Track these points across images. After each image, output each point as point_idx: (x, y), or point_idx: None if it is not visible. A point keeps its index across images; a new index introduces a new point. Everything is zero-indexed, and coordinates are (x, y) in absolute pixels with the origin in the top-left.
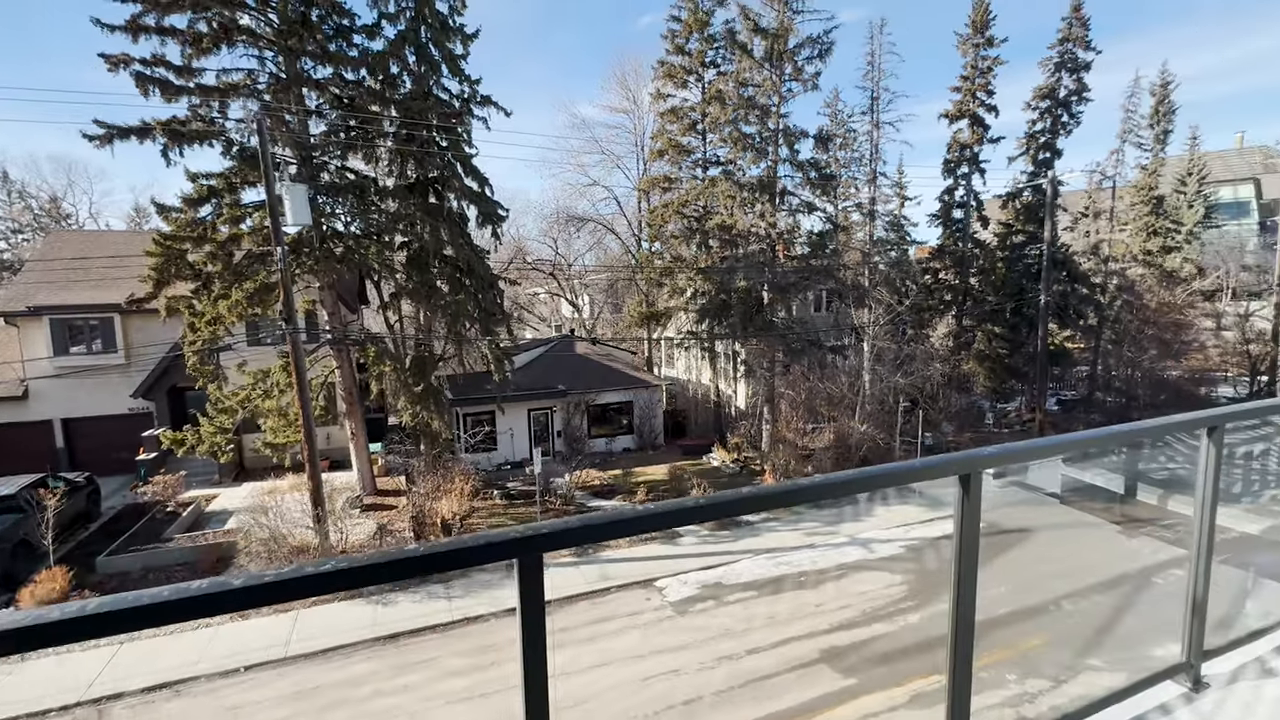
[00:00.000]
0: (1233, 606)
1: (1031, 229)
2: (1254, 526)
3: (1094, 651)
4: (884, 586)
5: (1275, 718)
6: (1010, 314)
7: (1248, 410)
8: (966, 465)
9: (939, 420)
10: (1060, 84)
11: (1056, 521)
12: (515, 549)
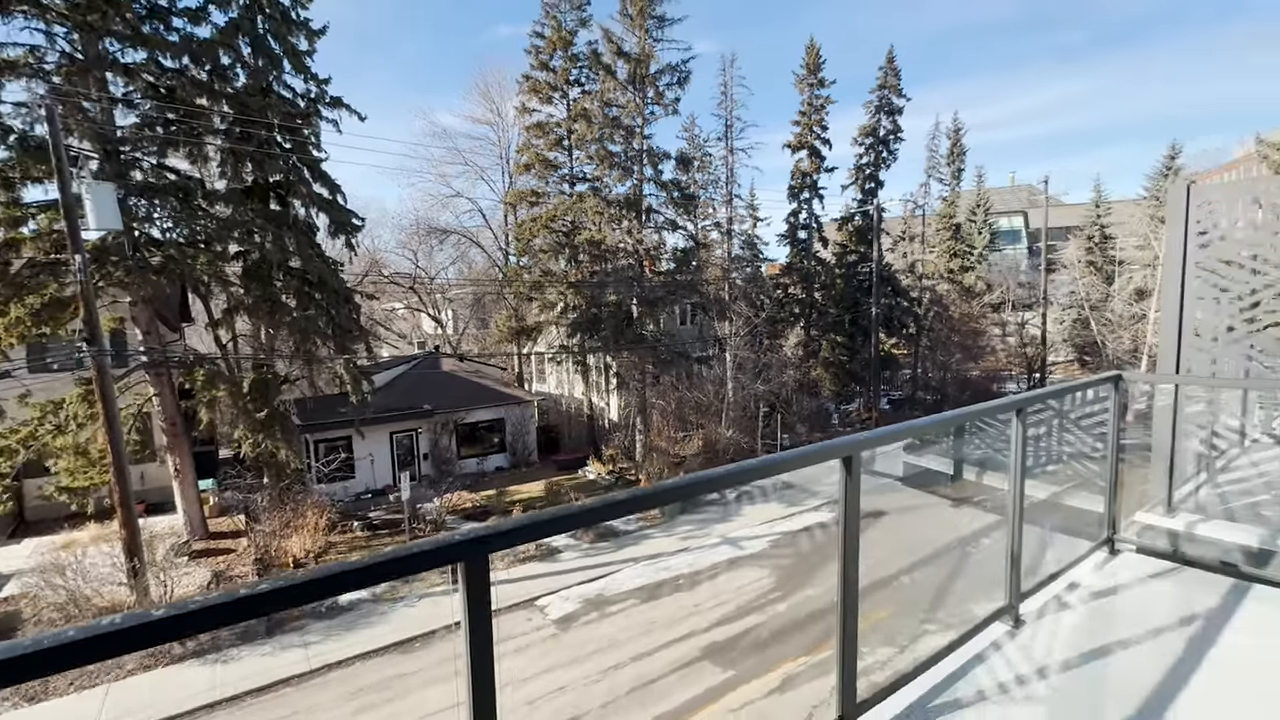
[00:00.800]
0: (1036, 558)
1: (862, 249)
2: (1042, 493)
3: (938, 610)
4: (755, 580)
5: (1072, 639)
6: (849, 324)
7: (1042, 394)
8: (848, 448)
9: (794, 423)
10: (880, 124)
11: (902, 504)
12: (461, 552)
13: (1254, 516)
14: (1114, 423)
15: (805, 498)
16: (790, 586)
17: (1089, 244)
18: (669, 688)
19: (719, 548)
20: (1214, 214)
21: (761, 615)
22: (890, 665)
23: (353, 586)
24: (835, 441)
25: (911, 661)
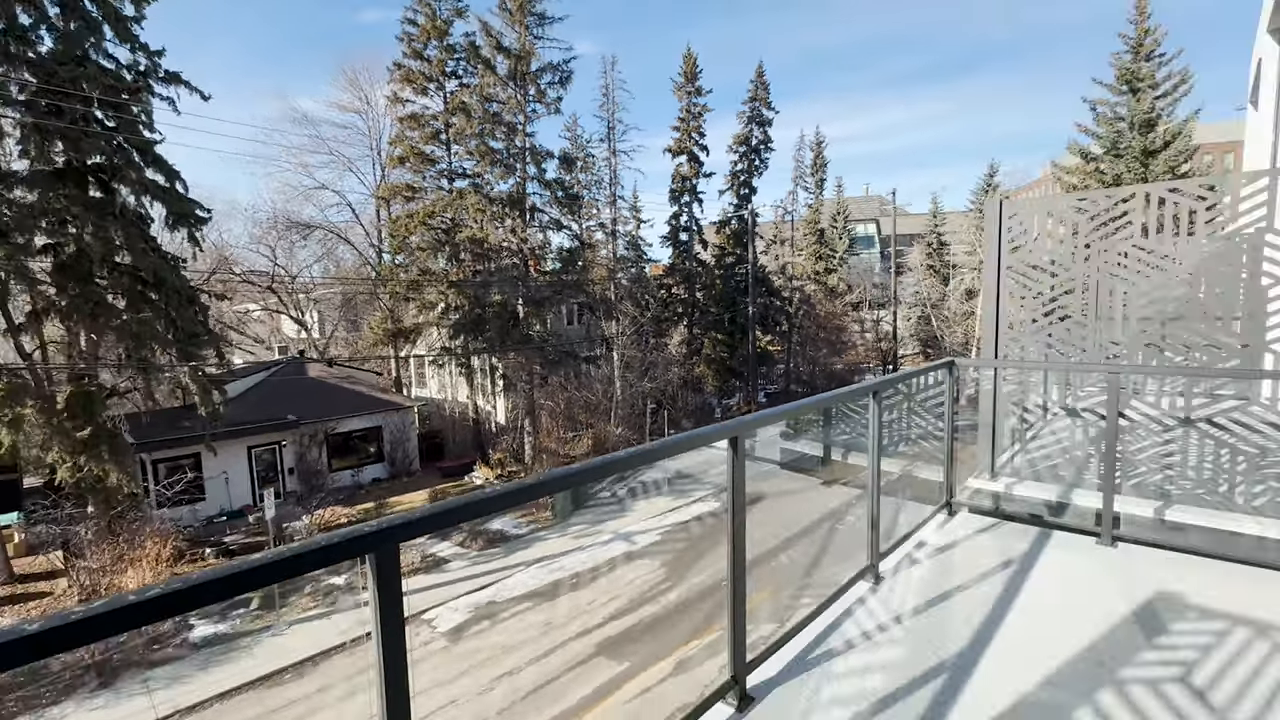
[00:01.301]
0: (891, 523)
1: (739, 251)
2: (895, 468)
3: (814, 576)
4: (647, 572)
5: (920, 589)
6: (728, 323)
7: (893, 378)
8: (735, 429)
9: (680, 418)
10: (752, 134)
11: (781, 488)
12: (368, 544)
13: (1054, 476)
14: (949, 403)
15: (694, 489)
16: (681, 575)
17: (929, 250)
18: (564, 688)
19: (612, 544)
20: (1021, 225)
21: (655, 605)
22: (774, 633)
23: (251, 587)
24: (724, 424)
25: (792, 623)
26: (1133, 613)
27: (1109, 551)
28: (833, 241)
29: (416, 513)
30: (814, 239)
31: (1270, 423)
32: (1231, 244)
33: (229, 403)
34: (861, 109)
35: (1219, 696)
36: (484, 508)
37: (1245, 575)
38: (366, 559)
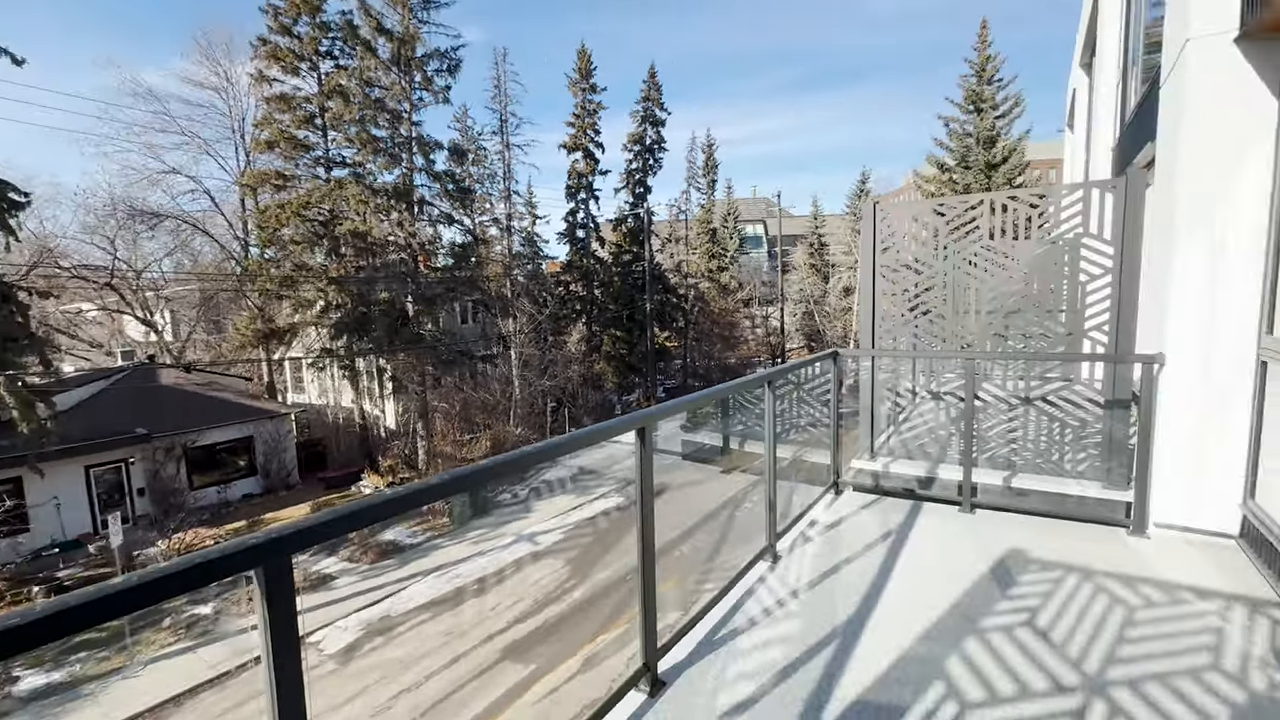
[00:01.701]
0: (786, 505)
1: (635, 249)
2: (789, 453)
3: (717, 561)
4: (551, 572)
5: (814, 563)
6: (627, 320)
7: (785, 369)
8: (642, 420)
9: (581, 416)
10: (646, 133)
11: (684, 479)
12: (257, 556)
13: (923, 454)
14: (835, 390)
15: (597, 485)
16: (586, 572)
17: (811, 250)
18: (469, 696)
19: (513, 547)
20: (890, 228)
21: (560, 605)
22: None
23: (123, 611)
24: (631, 415)
25: (699, 607)
26: (989, 569)
27: (969, 517)
28: (724, 241)
29: (312, 519)
30: (707, 238)
31: (1090, 399)
32: (1056, 246)
33: (59, 416)
34: (749, 114)
35: (1058, 633)
36: (387, 510)
37: (1073, 530)
38: (254, 574)
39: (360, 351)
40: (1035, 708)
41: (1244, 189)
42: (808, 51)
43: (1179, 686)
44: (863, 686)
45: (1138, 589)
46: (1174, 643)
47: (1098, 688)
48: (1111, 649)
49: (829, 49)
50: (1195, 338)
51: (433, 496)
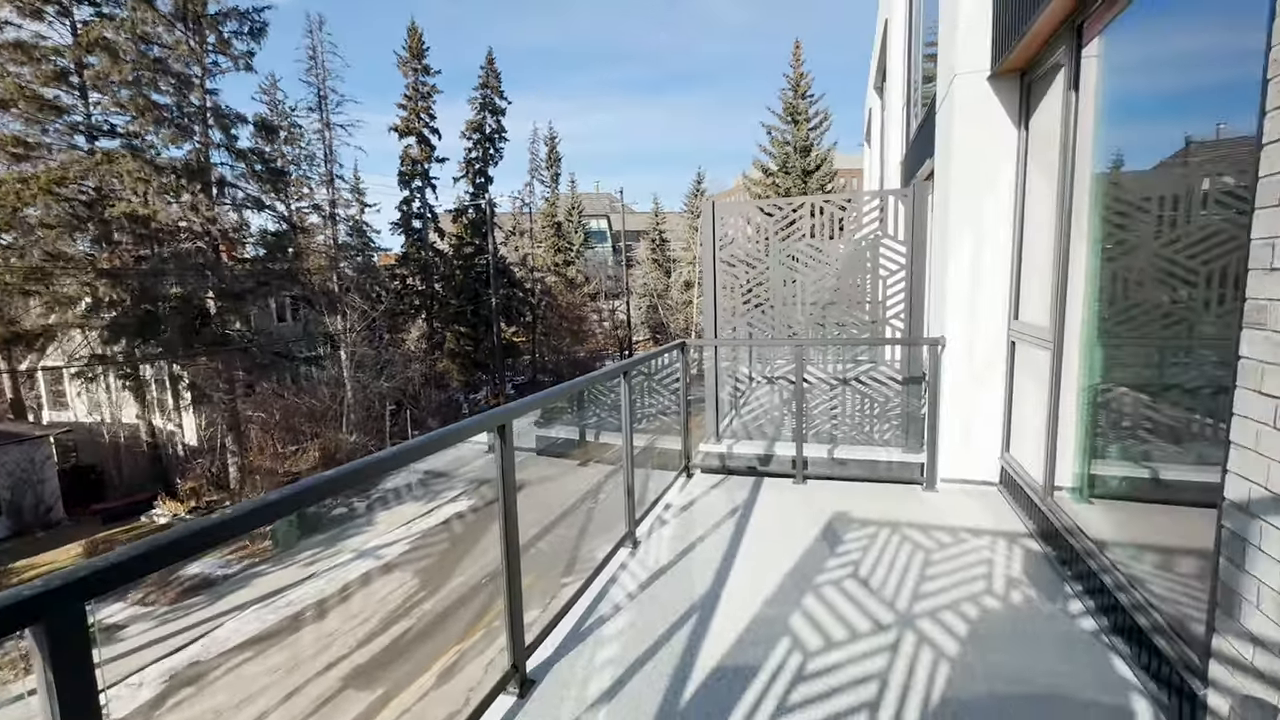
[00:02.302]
0: (643, 492)
1: (478, 242)
2: (644, 441)
3: (581, 555)
4: (399, 586)
5: (670, 544)
6: (471, 315)
7: (639, 359)
8: (501, 417)
9: (424, 418)
10: (486, 122)
11: (540, 474)
12: (37, 609)
13: (761, 434)
14: (684, 379)
15: (446, 489)
16: (438, 582)
17: (653, 245)
18: None
19: (353, 564)
20: (726, 226)
21: (410, 620)
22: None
23: None
24: (489, 413)
25: (564, 600)
26: (820, 532)
27: (802, 488)
28: (569, 235)
29: (112, 556)
30: (552, 232)
31: (891, 378)
32: (861, 246)
33: None
34: (590, 108)
35: (875, 580)
36: (206, 538)
37: (884, 490)
38: (31, 633)
39: (146, 357)
40: (862, 646)
41: (997, 201)
42: (646, 52)
43: (964, 609)
44: (721, 653)
45: (932, 535)
46: (959, 575)
47: (907, 621)
48: (916, 587)
49: (666, 51)
50: (964, 323)
51: (265, 518)
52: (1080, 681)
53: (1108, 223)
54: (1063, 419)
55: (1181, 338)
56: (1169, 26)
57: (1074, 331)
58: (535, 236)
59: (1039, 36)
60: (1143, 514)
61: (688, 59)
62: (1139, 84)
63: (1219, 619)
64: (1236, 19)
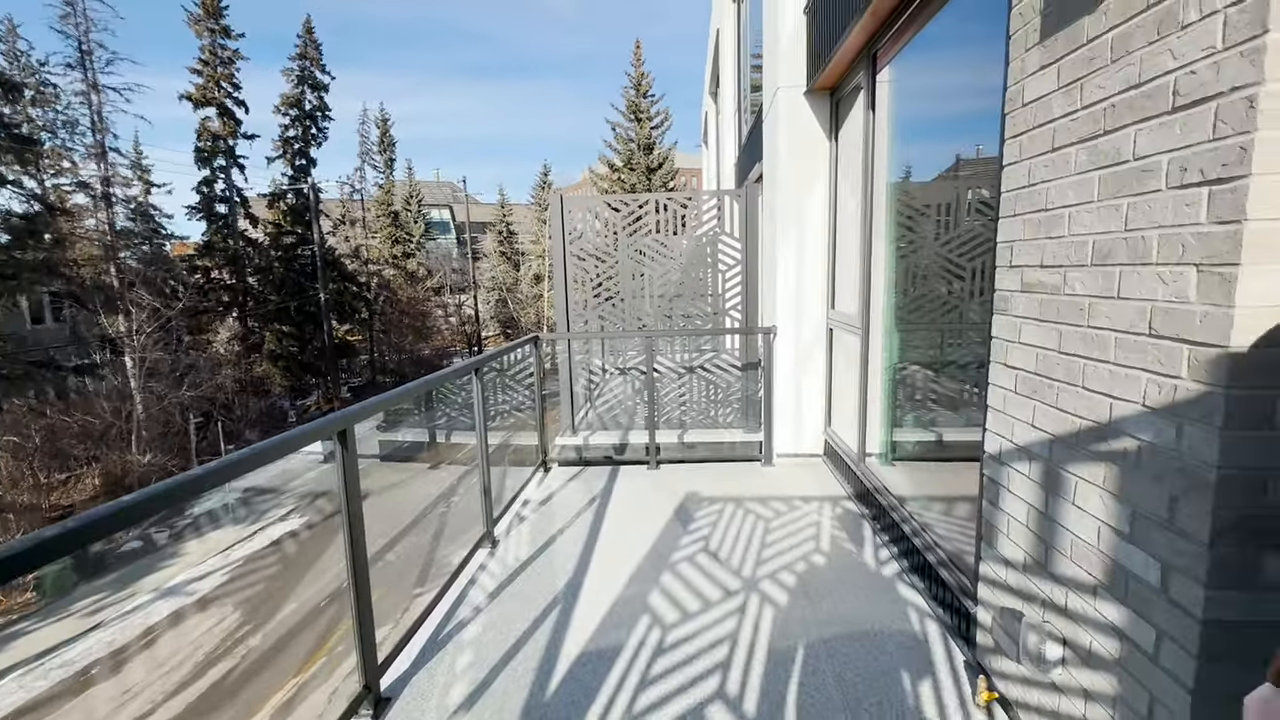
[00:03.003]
0: (500, 490)
1: (301, 230)
2: (499, 439)
3: (437, 560)
4: (217, 623)
5: (530, 540)
6: (295, 312)
7: (491, 355)
8: (341, 422)
9: (241, 429)
10: (305, 97)
11: (385, 482)
12: None
13: (615, 424)
14: (538, 374)
15: (272, 508)
16: (266, 612)
17: (500, 238)
18: None
19: (152, 607)
20: (575, 220)
21: (233, 658)
22: (404, 626)
23: None
24: (327, 418)
25: (421, 608)
26: (674, 513)
27: (656, 472)
28: (408, 225)
29: None
30: (388, 221)
31: (731, 365)
32: (701, 242)
33: None
34: (426, 91)
35: (724, 552)
36: None
37: (729, 469)
38: None
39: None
40: (714, 613)
41: (815, 204)
42: (487, 37)
43: (797, 568)
44: (585, 639)
45: (770, 505)
46: (793, 539)
47: (752, 585)
48: (758, 553)
49: (509, 39)
50: (791, 313)
51: (23, 565)
52: (888, 615)
53: (899, 225)
54: (871, 395)
55: (956, 322)
56: (939, 62)
57: (877, 319)
58: (369, 226)
59: (843, 60)
60: (931, 471)
61: (530, 49)
62: (920, 107)
63: (983, 549)
64: (987, 61)
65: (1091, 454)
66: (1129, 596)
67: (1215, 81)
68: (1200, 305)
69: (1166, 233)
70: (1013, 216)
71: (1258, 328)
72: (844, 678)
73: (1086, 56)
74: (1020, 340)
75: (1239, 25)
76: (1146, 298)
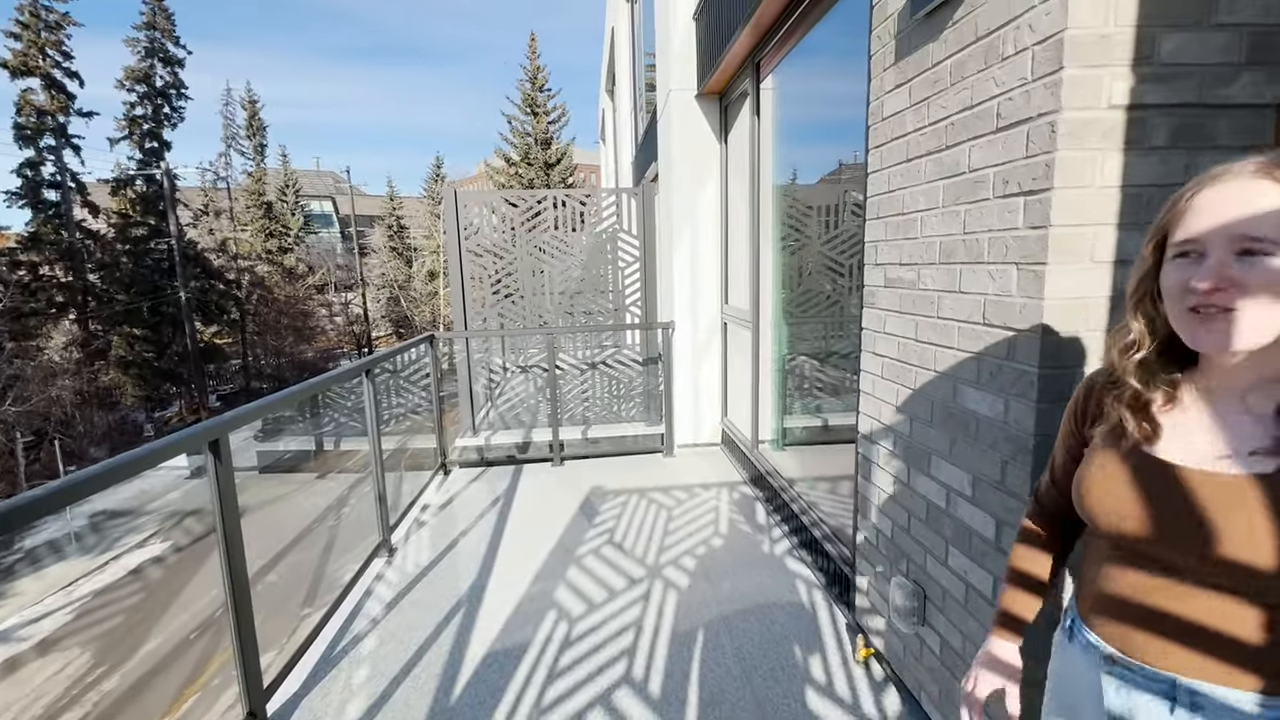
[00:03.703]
0: (397, 495)
1: (154, 222)
2: (394, 443)
3: (328, 574)
4: (62, 667)
5: (431, 545)
6: (150, 313)
7: (382, 356)
8: (214, 431)
9: (85, 448)
10: (156, 72)
11: (267, 496)
12: None
13: (518, 422)
14: (435, 374)
15: (126, 534)
16: (124, 651)
17: (390, 232)
18: None
19: None
20: (471, 215)
21: (81, 709)
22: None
23: None
24: (195, 427)
25: (312, 625)
26: (579, 508)
27: (560, 469)
28: (284, 217)
29: None
30: (261, 213)
31: (633, 360)
32: (601, 239)
33: None
34: (301, 74)
35: (628, 542)
36: None
37: (632, 462)
38: None
39: None
40: (620, 602)
41: (708, 203)
42: (372, 19)
43: (698, 552)
44: (491, 639)
45: (672, 494)
46: (694, 525)
47: (656, 572)
48: (661, 541)
49: (397, 23)
50: (688, 308)
51: None
52: (780, 589)
53: (785, 225)
54: (762, 385)
55: (838, 316)
56: (816, 73)
57: (767, 312)
58: (238, 218)
59: (730, 67)
60: (817, 454)
61: (420, 35)
62: (801, 115)
63: (859, 521)
64: (858, 75)
65: (942, 429)
66: (972, 550)
67: (1027, 107)
68: (1020, 298)
69: (994, 236)
70: (877, 219)
71: (1060, 316)
72: (742, 650)
73: (932, 79)
74: (885, 330)
75: (1043, 61)
76: (981, 292)
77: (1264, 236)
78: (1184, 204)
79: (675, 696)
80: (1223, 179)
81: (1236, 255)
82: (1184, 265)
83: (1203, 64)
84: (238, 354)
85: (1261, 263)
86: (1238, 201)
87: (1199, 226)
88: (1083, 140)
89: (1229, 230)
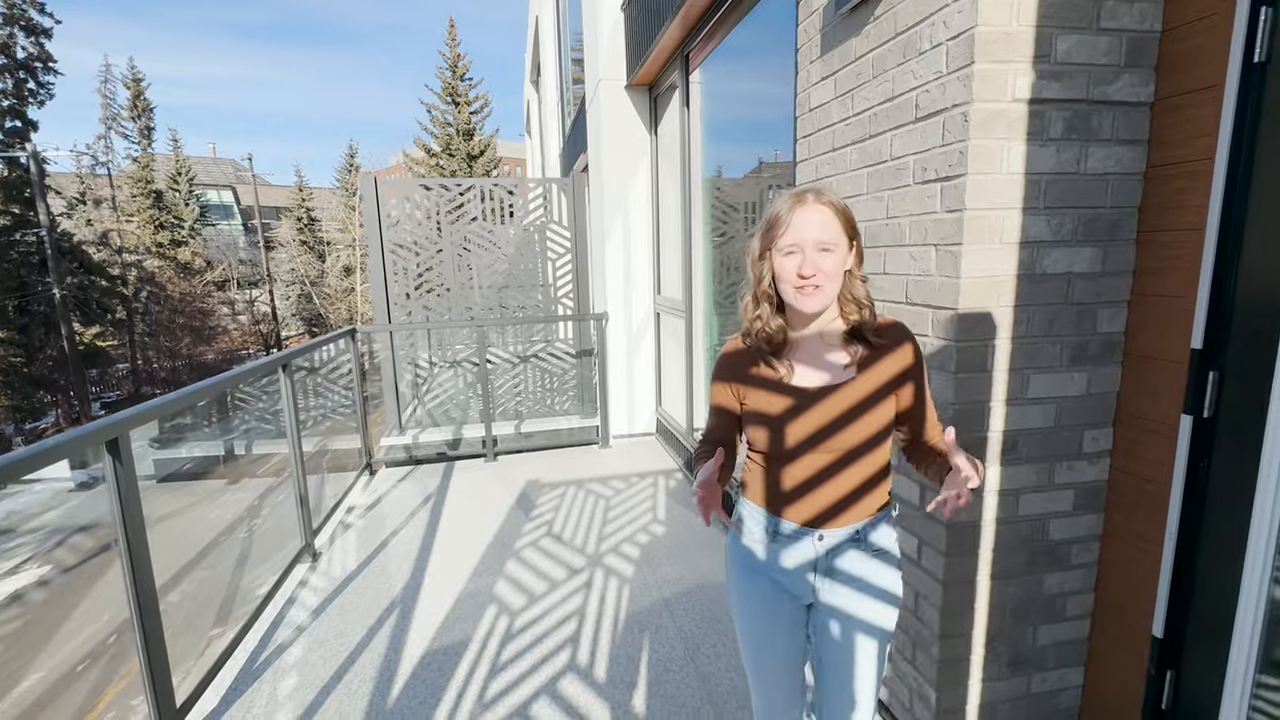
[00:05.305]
0: (319, 498)
1: (19, 210)
2: (314, 445)
3: (245, 584)
4: None
5: (358, 548)
6: (17, 313)
7: (300, 350)
8: (113, 429)
9: None
10: (16, 42)
11: (170, 508)
12: None
13: (448, 419)
14: (357, 371)
15: None
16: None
17: (299, 225)
18: None
19: None
20: (390, 206)
21: None
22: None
23: None
24: (90, 425)
25: (229, 638)
26: (515, 502)
27: (494, 465)
28: (177, 207)
29: None
30: (149, 202)
31: (566, 353)
32: (529, 231)
33: None
34: (192, 50)
35: (567, 533)
36: None
37: (568, 454)
38: None
39: None
40: (562, 592)
41: (639, 194)
42: None
43: (637, 538)
44: (429, 639)
45: (609, 484)
46: (632, 513)
47: (596, 560)
48: (600, 530)
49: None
50: (621, 299)
51: None
52: (718, 568)
53: (714, 217)
54: (696, 373)
55: None
56: (745, 67)
57: (699, 302)
58: (121, 208)
59: (659, 58)
60: None
61: (329, 14)
62: (730, 108)
63: None
64: (782, 72)
65: None
66: (901, 518)
67: (943, 99)
68: (939, 277)
69: (915, 220)
70: None
71: (974, 294)
72: (684, 629)
73: (855, 71)
74: None
75: (956, 55)
76: (904, 273)
77: (831, 241)
78: (783, 222)
79: (622, 679)
80: (802, 205)
81: (819, 253)
82: (791, 260)
83: (1091, 64)
84: (125, 357)
85: (829, 256)
86: (816, 221)
87: (798, 237)
88: (991, 130)
89: (814, 238)
